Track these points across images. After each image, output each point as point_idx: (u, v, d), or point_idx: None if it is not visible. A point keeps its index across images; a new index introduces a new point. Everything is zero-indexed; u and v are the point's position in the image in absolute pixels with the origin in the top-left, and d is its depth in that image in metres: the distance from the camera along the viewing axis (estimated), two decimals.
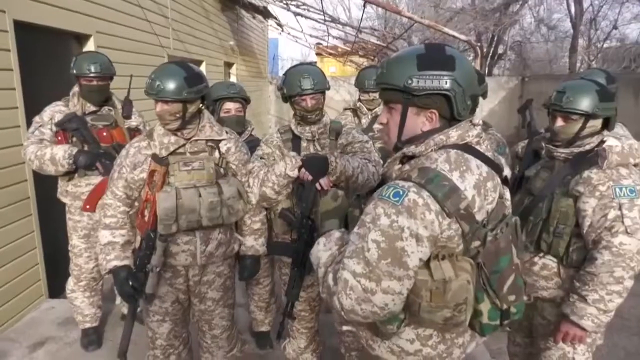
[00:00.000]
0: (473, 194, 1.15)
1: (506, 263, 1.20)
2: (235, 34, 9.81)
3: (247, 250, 2.24)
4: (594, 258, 1.77)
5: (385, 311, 1.14)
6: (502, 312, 1.23)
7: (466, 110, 1.20)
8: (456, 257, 1.16)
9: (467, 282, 1.15)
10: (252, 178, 2.17)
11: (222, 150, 2.09)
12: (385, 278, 1.10)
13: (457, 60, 1.19)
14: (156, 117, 1.95)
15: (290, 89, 2.12)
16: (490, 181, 1.21)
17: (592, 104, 1.80)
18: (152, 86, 1.86)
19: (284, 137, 2.29)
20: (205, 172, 2.01)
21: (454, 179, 1.14)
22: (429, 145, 1.21)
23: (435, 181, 1.12)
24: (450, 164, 1.17)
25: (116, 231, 2.02)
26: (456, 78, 1.16)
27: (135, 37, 5.10)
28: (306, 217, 2.12)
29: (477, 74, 2.56)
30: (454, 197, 1.12)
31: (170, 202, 1.92)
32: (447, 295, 1.14)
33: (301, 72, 2.11)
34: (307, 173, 2.07)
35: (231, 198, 2.05)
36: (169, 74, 1.87)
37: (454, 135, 1.21)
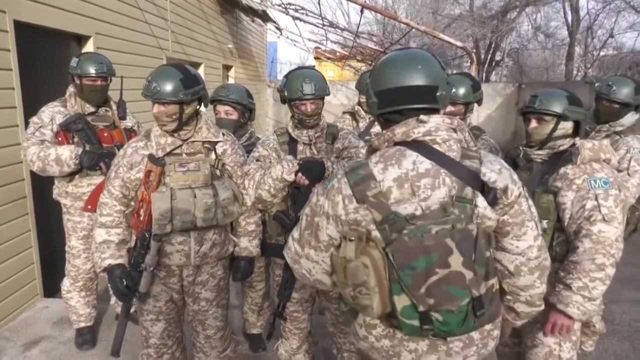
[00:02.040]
0: (390, 186, 1.22)
1: (427, 263, 1.17)
2: (234, 37, 9.85)
3: (241, 251, 2.27)
4: (576, 247, 1.84)
5: (313, 277, 1.37)
6: (420, 313, 1.20)
7: (372, 107, 1.31)
8: (366, 242, 1.22)
9: (363, 265, 1.19)
10: (248, 180, 2.19)
11: (218, 152, 2.12)
12: (306, 245, 1.35)
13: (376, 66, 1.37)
14: (149, 118, 1.98)
15: (291, 92, 2.14)
16: (429, 179, 1.22)
17: (562, 106, 1.97)
18: (148, 88, 1.89)
19: (280, 139, 2.32)
20: (201, 173, 2.04)
21: (374, 170, 1.25)
22: (381, 140, 1.31)
23: (355, 170, 1.27)
24: (382, 157, 1.27)
25: (112, 230, 2.04)
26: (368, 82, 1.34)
27: (135, 39, 5.13)
28: None
29: (472, 80, 2.64)
30: (364, 184, 1.23)
31: (165, 203, 1.95)
32: (347, 273, 1.23)
33: (303, 76, 2.13)
34: (304, 177, 2.10)
35: (226, 200, 2.08)
36: (166, 75, 1.90)
37: (398, 132, 1.26)
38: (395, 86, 1.27)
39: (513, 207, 1.28)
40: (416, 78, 1.26)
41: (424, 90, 1.26)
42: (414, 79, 1.26)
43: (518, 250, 1.32)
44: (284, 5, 7.45)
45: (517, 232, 1.31)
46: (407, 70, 1.27)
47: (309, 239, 1.34)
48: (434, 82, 1.26)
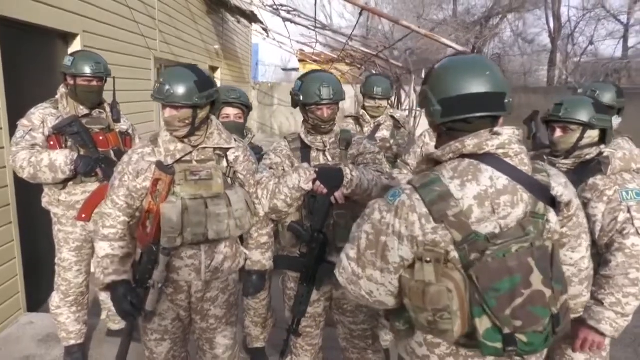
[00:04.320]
0: (471, 204, 1.15)
1: (512, 284, 1.12)
2: (220, 37, 9.66)
3: (253, 265, 2.13)
4: (608, 261, 1.79)
5: (374, 298, 1.26)
6: (504, 335, 1.15)
7: (435, 115, 1.22)
8: (445, 264, 1.15)
9: (447, 289, 1.12)
10: (261, 189, 2.06)
11: (230, 159, 1.98)
12: (369, 266, 1.24)
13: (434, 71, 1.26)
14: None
15: (307, 96, 2.03)
16: (508, 195, 1.17)
17: (589, 115, 1.90)
18: (161, 90, 1.75)
19: (292, 146, 2.19)
20: (214, 182, 1.90)
21: (451, 186, 1.16)
22: (446, 152, 1.22)
23: (428, 186, 1.17)
24: (455, 172, 1.19)
25: (115, 243, 1.88)
26: (426, 89, 1.26)
27: (123, 38, 4.93)
28: (318, 231, 2.04)
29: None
30: (442, 203, 1.15)
31: (176, 214, 1.80)
32: (426, 298, 1.14)
33: (320, 80, 2.02)
34: (322, 186, 1.98)
35: (239, 210, 1.94)
36: (179, 77, 1.76)
37: (469, 143, 1.19)
38: (463, 93, 1.19)
39: (572, 219, 1.28)
40: (485, 85, 1.19)
41: (493, 97, 1.20)
42: (483, 86, 1.19)
43: (571, 262, 1.34)
44: (275, 6, 7.31)
45: (573, 244, 1.32)
46: (475, 77, 1.20)
47: (373, 260, 1.23)
48: (501, 89, 1.21)
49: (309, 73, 2.13)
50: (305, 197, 2.05)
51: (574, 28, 13.99)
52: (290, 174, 2.03)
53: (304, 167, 2.03)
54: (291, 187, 2.00)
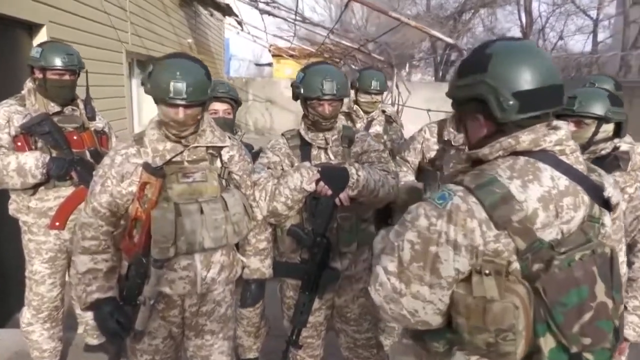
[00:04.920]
0: (535, 208, 1.02)
1: (579, 297, 1.02)
2: (193, 31, 9.34)
3: (252, 273, 1.95)
4: (631, 262, 1.73)
5: (417, 318, 1.09)
6: (570, 355, 1.05)
7: (509, 111, 1.05)
8: (506, 276, 1.02)
9: (514, 306, 0.99)
10: (259, 191, 1.89)
11: (224, 159, 1.80)
12: (415, 281, 1.07)
13: (495, 58, 1.07)
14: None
15: (309, 90, 1.86)
16: (571, 197, 1.06)
17: (604, 108, 1.81)
18: (177, 89, 1.54)
19: (291, 143, 2.03)
20: (209, 184, 1.72)
21: (512, 187, 1.02)
22: (495, 149, 1.09)
23: (486, 187, 1.03)
24: (513, 170, 1.05)
25: (98, 256, 1.67)
26: (486, 79, 1.06)
27: (93, 29, 4.61)
28: (320, 235, 1.88)
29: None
30: (505, 206, 1.00)
31: (169, 221, 1.61)
32: (487, 316, 1.01)
33: (324, 73, 1.86)
34: (326, 187, 1.83)
35: (237, 214, 1.77)
36: (192, 72, 1.58)
37: (525, 139, 1.06)
38: (542, 85, 1.05)
39: (615, 222, 1.19)
40: (555, 76, 1.06)
41: (561, 89, 1.08)
42: (555, 76, 1.06)
43: None
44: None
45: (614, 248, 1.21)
46: (547, 67, 1.06)
47: (421, 274, 1.06)
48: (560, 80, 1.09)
49: (312, 64, 1.96)
50: (307, 198, 1.90)
51: (544, 23, 14.25)
52: (291, 173, 1.87)
53: (306, 166, 1.87)
54: (292, 188, 1.84)
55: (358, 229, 1.99)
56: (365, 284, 2.13)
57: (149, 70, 1.58)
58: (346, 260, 2.02)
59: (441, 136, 2.60)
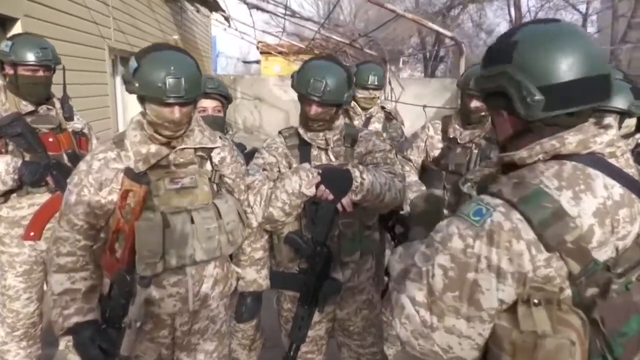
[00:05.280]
0: (591, 224, 0.87)
1: (638, 326, 0.89)
2: (179, 27, 9.10)
3: (247, 285, 1.79)
4: None
5: (451, 355, 0.94)
6: None
7: (534, 108, 0.91)
8: (558, 306, 0.87)
9: (570, 342, 0.84)
10: (253, 195, 1.73)
11: (215, 161, 1.64)
12: (450, 314, 0.91)
13: (521, 45, 0.93)
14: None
15: (298, 84, 1.73)
16: (626, 209, 0.91)
17: (627, 101, 1.68)
18: (174, 86, 1.37)
19: (288, 142, 1.86)
20: (199, 190, 1.55)
21: (562, 200, 0.87)
22: (534, 152, 0.94)
23: (533, 201, 0.87)
24: (561, 179, 0.89)
25: (76, 274, 1.49)
26: (507, 69, 0.93)
27: (72, 24, 4.39)
28: (321, 244, 1.72)
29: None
30: (558, 224, 0.85)
31: (155, 233, 1.44)
32: (539, 355, 0.85)
33: (317, 71, 1.69)
34: (327, 191, 1.67)
35: (231, 222, 1.61)
36: (186, 65, 1.43)
37: (572, 141, 0.92)
38: (578, 77, 0.89)
39: None
40: (598, 63, 0.90)
41: (604, 80, 0.91)
42: (597, 66, 0.90)
43: None
44: None
45: None
46: (587, 54, 0.90)
47: (456, 305, 0.91)
48: (607, 69, 0.93)
49: (316, 59, 1.81)
50: (306, 203, 1.74)
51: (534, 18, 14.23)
52: (289, 176, 1.71)
53: (305, 168, 1.71)
54: (290, 193, 1.68)
55: (361, 237, 1.83)
56: (369, 294, 1.99)
57: (134, 66, 1.40)
58: (348, 271, 1.87)
59: (446, 133, 2.46)
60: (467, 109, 2.31)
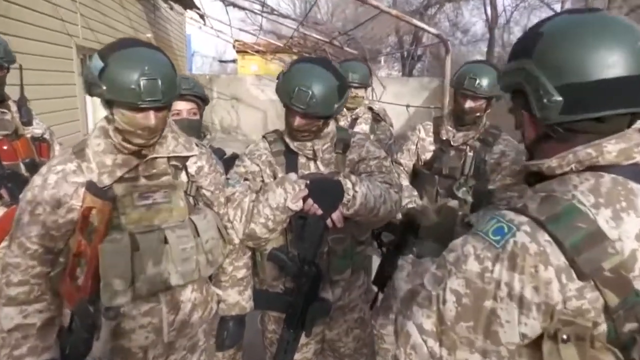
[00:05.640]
0: (633, 249, 0.75)
1: None
2: (152, 25, 8.79)
3: (229, 309, 1.61)
4: None
5: None
6: None
7: (549, 110, 0.80)
8: (591, 343, 0.75)
9: None
10: (233, 209, 1.56)
11: (191, 171, 1.46)
12: (462, 347, 0.81)
13: (545, 38, 0.82)
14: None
15: (281, 91, 1.54)
16: None
17: None
18: (150, 88, 1.20)
19: (273, 148, 1.69)
20: (173, 205, 1.37)
21: (599, 220, 0.75)
22: (566, 162, 0.82)
23: (565, 220, 0.75)
24: (599, 195, 0.77)
25: (29, 307, 1.29)
26: (525, 65, 0.83)
27: (34, 20, 4.10)
28: (308, 262, 1.56)
29: (496, 69, 2.18)
30: (594, 249, 0.74)
31: (123, 256, 1.25)
32: None
33: (303, 78, 1.49)
34: (316, 206, 1.51)
35: (210, 240, 1.43)
36: (161, 64, 1.25)
37: (611, 150, 0.79)
38: (609, 76, 0.76)
39: None
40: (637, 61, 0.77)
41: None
42: (635, 63, 0.77)
43: None
44: None
45: None
46: (624, 48, 0.77)
47: (471, 338, 0.80)
48: None
49: (303, 60, 1.62)
50: (292, 218, 1.58)
51: (509, 17, 14.40)
52: (273, 188, 1.54)
53: (291, 179, 1.54)
54: (274, 207, 1.51)
55: (353, 253, 1.68)
56: (361, 312, 1.84)
57: (99, 66, 1.20)
58: (338, 289, 1.71)
59: (438, 135, 2.33)
60: (461, 109, 2.19)
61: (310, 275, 1.57)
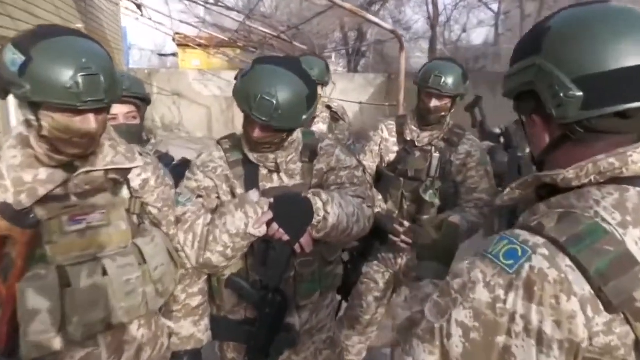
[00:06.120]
0: None
1: None
2: (83, 15, 8.12)
3: (183, 343, 1.41)
4: None
5: None
6: None
7: (568, 106, 0.71)
8: None
9: None
10: (184, 233, 1.35)
11: (135, 186, 1.23)
12: None
13: (554, 31, 0.75)
14: None
15: (240, 97, 1.32)
16: None
17: None
18: (90, 85, 0.99)
19: (230, 157, 1.47)
20: (113, 229, 1.14)
21: (628, 241, 0.66)
22: (585, 173, 0.72)
23: (588, 241, 0.66)
24: (626, 212, 0.68)
25: None
26: (536, 61, 0.75)
27: None
28: (273, 290, 1.38)
29: (461, 67, 2.10)
30: (624, 276, 0.64)
31: (49, 296, 1.02)
32: None
33: (267, 84, 1.27)
34: (282, 231, 1.32)
35: (160, 267, 1.22)
36: (102, 59, 1.05)
37: (638, 159, 0.70)
38: (631, 64, 0.68)
39: None
40: None
41: None
42: None
43: None
44: None
45: None
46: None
47: None
48: None
49: (267, 60, 1.38)
50: (254, 242, 1.38)
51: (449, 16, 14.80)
52: (232, 211, 1.34)
53: (253, 200, 1.35)
54: (233, 234, 1.32)
55: (322, 275, 1.52)
56: (330, 332, 1.69)
57: (19, 60, 0.95)
58: (306, 313, 1.56)
59: (402, 135, 2.22)
60: (426, 108, 2.09)
61: (274, 304, 1.39)
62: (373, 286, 2.28)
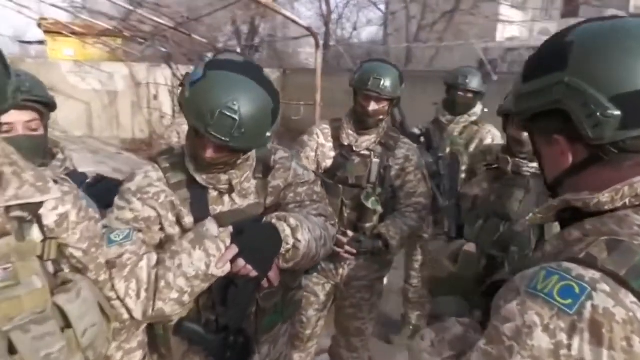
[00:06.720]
0: None
1: None
2: None
3: None
4: None
5: None
6: None
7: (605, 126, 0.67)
8: None
9: None
10: (124, 280, 1.08)
11: (49, 223, 0.93)
12: None
13: (579, 47, 0.70)
14: None
15: (190, 111, 1.07)
16: None
17: None
18: None
19: (172, 178, 1.20)
20: (24, 289, 0.84)
21: None
22: (620, 196, 0.69)
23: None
24: None
25: None
26: (566, 79, 0.70)
27: None
28: (235, 332, 1.18)
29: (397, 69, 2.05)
30: None
31: None
32: None
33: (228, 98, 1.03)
34: (249, 266, 1.11)
35: (90, 329, 0.94)
36: None
37: None
38: None
39: None
40: None
41: None
42: None
43: None
44: None
45: None
46: None
47: None
48: None
49: (220, 65, 1.11)
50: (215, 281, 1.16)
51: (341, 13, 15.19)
52: (188, 249, 1.10)
53: (212, 234, 1.12)
54: (192, 276, 1.09)
55: (284, 305, 1.35)
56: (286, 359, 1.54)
57: None
58: (265, 347, 1.40)
59: (338, 140, 2.10)
60: (364, 112, 2.01)
61: (237, 346, 1.18)
62: (313, 299, 2.16)
